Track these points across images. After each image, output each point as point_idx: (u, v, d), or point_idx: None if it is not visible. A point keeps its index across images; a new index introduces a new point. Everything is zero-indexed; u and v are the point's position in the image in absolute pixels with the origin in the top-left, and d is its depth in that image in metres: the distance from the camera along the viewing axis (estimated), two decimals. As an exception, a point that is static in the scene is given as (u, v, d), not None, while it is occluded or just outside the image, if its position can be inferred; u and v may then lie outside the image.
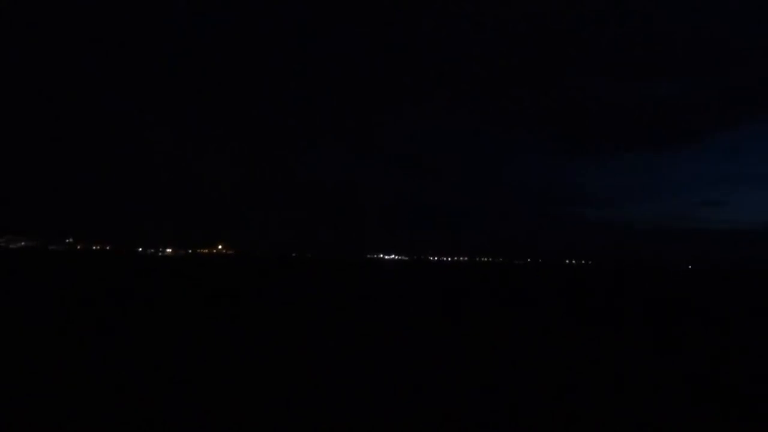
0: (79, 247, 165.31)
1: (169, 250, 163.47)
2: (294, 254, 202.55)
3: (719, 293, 40.61)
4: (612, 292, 36.26)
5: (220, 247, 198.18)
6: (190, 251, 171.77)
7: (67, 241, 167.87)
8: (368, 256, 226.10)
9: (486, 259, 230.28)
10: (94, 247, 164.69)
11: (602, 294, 34.53)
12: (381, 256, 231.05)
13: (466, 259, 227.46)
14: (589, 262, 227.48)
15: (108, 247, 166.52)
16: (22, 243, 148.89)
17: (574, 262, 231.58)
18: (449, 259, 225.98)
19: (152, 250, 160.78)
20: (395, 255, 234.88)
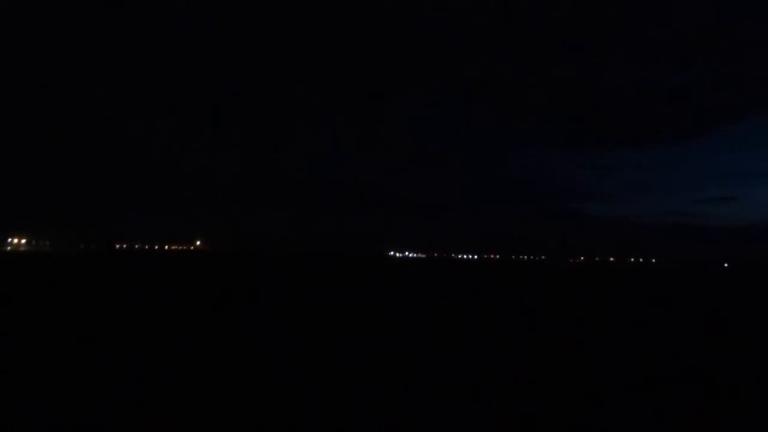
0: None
1: (20, 242, 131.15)
2: (289, 249, 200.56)
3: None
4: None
5: (198, 243, 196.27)
6: (82, 247, 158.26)
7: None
8: (382, 253, 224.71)
9: (522, 257, 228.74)
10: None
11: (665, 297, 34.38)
12: (393, 253, 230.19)
13: (498, 257, 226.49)
14: (640, 260, 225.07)
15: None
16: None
17: (632, 260, 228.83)
18: (470, 257, 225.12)
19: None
20: (408, 252, 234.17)
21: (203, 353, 10.29)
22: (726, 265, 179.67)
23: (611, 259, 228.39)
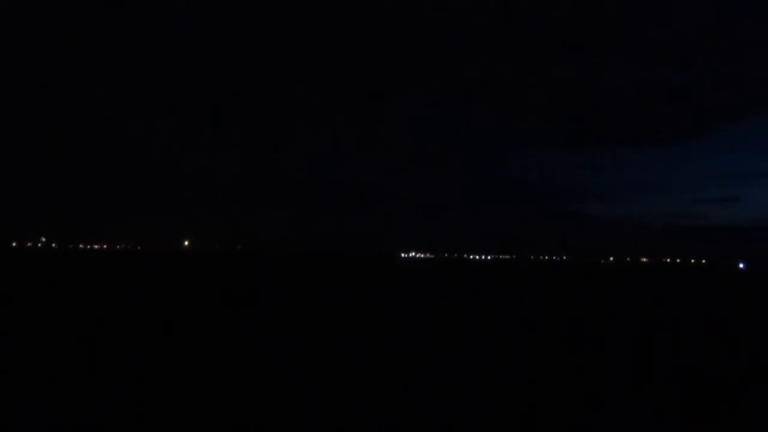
0: (54, 245, 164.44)
1: None
2: (289, 249, 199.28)
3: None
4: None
5: (186, 243, 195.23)
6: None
7: (42, 239, 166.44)
8: (391, 253, 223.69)
9: (552, 257, 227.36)
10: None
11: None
12: (402, 254, 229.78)
13: (514, 257, 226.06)
14: (674, 261, 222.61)
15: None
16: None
17: (665, 260, 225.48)
18: (484, 257, 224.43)
19: None
20: (414, 252, 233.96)
21: (203, 353, 10.29)
22: (741, 266, 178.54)
23: (643, 259, 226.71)
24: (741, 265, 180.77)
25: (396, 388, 8.17)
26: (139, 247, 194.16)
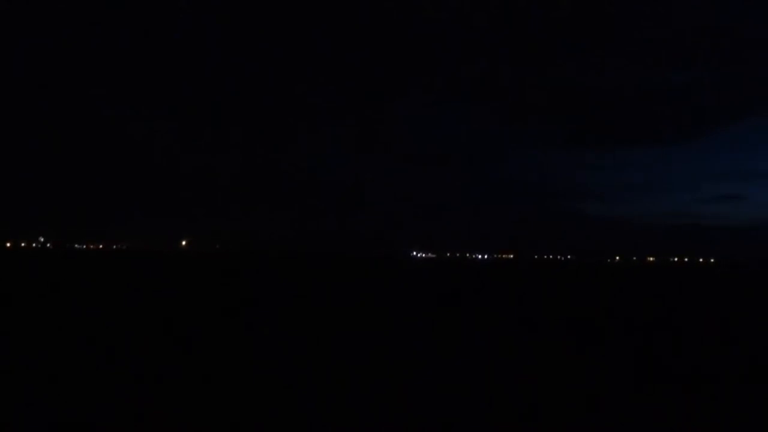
0: (49, 245, 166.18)
1: None
2: (289, 249, 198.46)
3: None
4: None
5: (183, 243, 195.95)
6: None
7: (40, 239, 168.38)
8: (397, 253, 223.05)
9: (557, 257, 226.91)
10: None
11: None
12: (410, 253, 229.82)
13: (515, 257, 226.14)
14: (711, 260, 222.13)
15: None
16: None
17: (676, 260, 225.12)
18: (483, 256, 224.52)
19: None
20: (416, 252, 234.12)
21: (203, 353, 10.29)
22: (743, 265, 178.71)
23: (650, 259, 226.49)
24: (743, 265, 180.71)
25: (396, 388, 8.17)
26: (125, 247, 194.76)
